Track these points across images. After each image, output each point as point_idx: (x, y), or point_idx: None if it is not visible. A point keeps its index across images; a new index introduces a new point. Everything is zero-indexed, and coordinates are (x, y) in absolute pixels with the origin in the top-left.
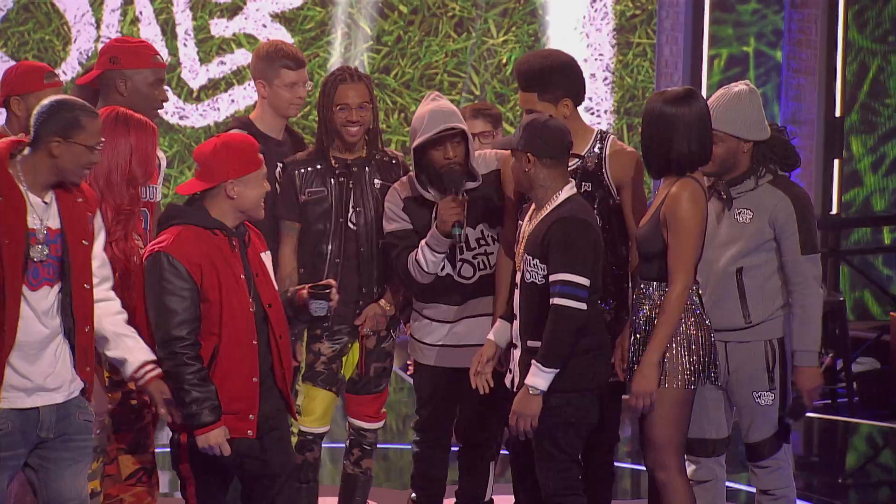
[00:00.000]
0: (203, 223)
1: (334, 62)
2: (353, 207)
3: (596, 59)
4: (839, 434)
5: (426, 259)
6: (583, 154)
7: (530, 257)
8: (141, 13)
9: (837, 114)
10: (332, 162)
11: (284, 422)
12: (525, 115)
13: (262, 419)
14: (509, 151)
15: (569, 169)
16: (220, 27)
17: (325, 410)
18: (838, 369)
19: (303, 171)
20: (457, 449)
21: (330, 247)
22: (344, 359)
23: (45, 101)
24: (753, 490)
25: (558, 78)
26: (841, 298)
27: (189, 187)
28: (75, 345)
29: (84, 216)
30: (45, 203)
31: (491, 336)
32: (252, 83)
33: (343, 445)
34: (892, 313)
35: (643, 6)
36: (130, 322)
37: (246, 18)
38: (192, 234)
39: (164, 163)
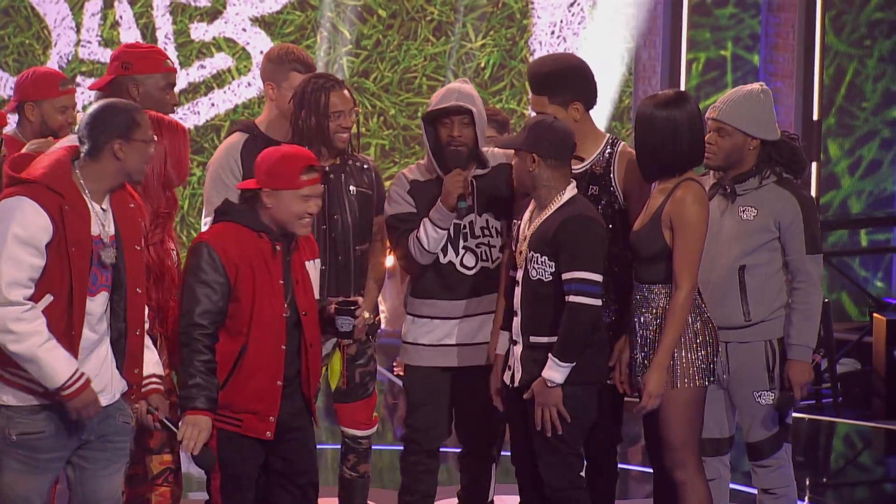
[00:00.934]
0: (249, 224)
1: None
2: (330, 215)
3: None
4: (824, 434)
5: (427, 235)
6: (591, 158)
7: (537, 255)
8: (121, 17)
9: (815, 117)
10: None
11: (307, 424)
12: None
13: (283, 421)
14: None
15: (577, 172)
16: (200, 31)
17: None
18: (822, 370)
19: None
20: (458, 451)
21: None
22: (323, 368)
23: (95, 107)
24: (740, 488)
25: (569, 81)
26: (826, 300)
27: (245, 184)
28: (126, 348)
29: (137, 221)
30: (103, 210)
31: (499, 351)
32: (230, 87)
33: (338, 446)
34: (874, 315)
35: (620, 10)
36: (164, 323)
37: (226, 22)
38: (237, 233)
39: None
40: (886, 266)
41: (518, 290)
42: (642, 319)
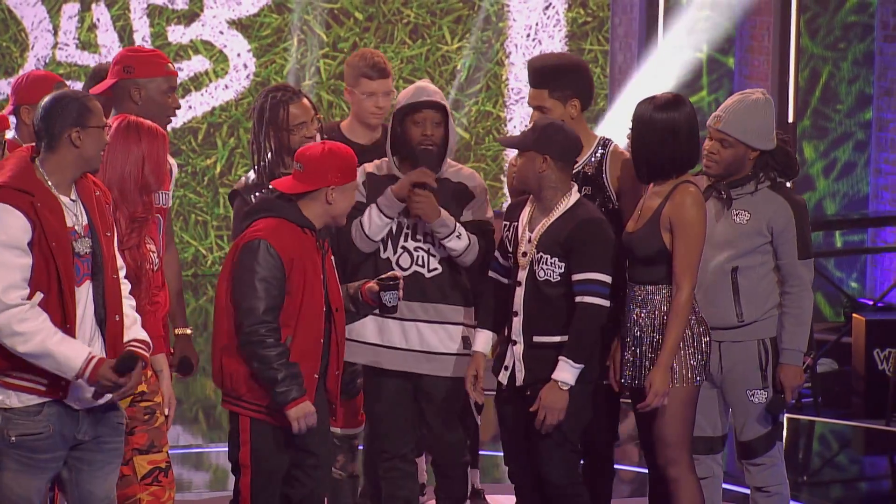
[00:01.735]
0: (297, 220)
1: (290, 69)
2: None
3: None
4: (804, 433)
5: (371, 221)
6: (583, 159)
7: (547, 256)
8: (98, 20)
9: (790, 119)
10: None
11: (327, 418)
12: (535, 115)
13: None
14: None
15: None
16: (178, 34)
17: None
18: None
19: (257, 195)
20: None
21: None
22: None
23: (46, 100)
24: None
25: (570, 77)
26: None
27: (288, 185)
28: (105, 335)
29: (105, 209)
30: (73, 200)
31: (479, 348)
32: (207, 89)
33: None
34: (854, 315)
35: (594, 14)
36: (144, 325)
37: (203, 25)
38: (288, 228)
39: (175, 169)
40: (861, 267)
41: (520, 291)
42: (636, 319)
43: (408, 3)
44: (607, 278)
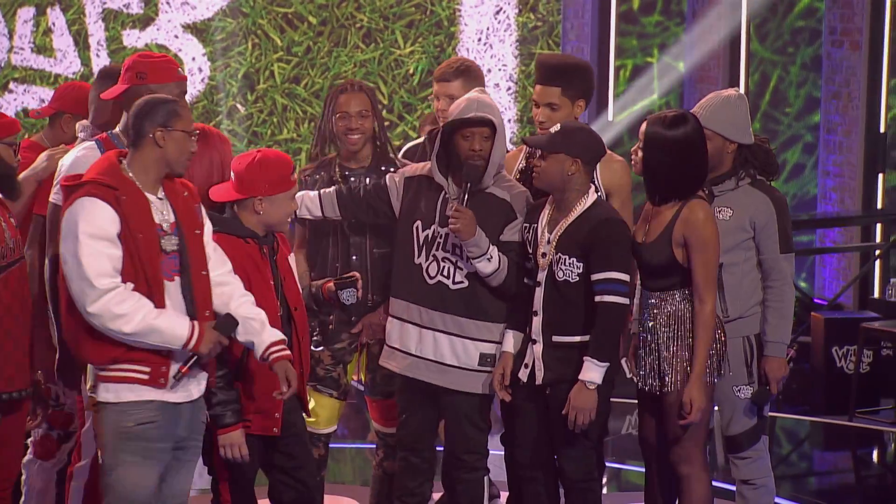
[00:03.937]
0: (236, 231)
1: (245, 72)
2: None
3: (499, 70)
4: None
5: (310, 203)
6: None
7: (566, 257)
8: (53, 24)
9: None
10: (337, 171)
11: (301, 419)
12: (541, 112)
13: (283, 418)
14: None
15: None
16: (133, 38)
17: (330, 414)
18: None
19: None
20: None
21: (330, 251)
22: (350, 366)
23: (141, 100)
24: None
25: (582, 78)
26: None
27: (221, 194)
28: None
29: (192, 208)
30: (160, 199)
31: (509, 349)
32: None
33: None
34: (813, 314)
35: (544, 18)
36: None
37: (158, 29)
38: (227, 243)
39: None
40: (809, 267)
41: (539, 291)
42: (649, 325)
43: (361, 8)
44: (626, 277)
